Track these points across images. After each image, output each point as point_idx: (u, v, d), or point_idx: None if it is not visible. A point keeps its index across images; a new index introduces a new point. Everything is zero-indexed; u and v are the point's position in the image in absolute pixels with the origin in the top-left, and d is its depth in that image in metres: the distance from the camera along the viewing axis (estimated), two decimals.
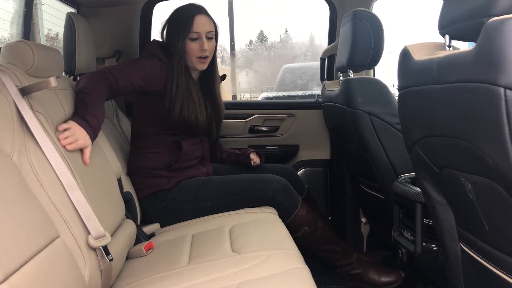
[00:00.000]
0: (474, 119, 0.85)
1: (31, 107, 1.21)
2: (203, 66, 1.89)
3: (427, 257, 1.46)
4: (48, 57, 1.41)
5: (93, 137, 1.44)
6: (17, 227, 0.93)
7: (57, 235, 1.07)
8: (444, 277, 1.35)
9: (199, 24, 1.84)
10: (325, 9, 2.50)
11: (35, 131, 1.17)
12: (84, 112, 1.47)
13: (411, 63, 1.11)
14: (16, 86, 1.19)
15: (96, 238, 1.20)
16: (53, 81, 1.20)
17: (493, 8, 0.84)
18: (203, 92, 1.96)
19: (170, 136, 1.89)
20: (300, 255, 1.35)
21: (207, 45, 1.84)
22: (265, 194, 1.83)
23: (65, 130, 1.34)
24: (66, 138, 1.31)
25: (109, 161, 1.61)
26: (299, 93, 6.22)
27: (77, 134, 1.37)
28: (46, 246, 1.00)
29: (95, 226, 1.21)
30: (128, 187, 1.78)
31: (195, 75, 1.95)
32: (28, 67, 1.31)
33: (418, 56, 1.10)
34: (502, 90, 0.75)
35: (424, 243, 1.47)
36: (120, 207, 1.57)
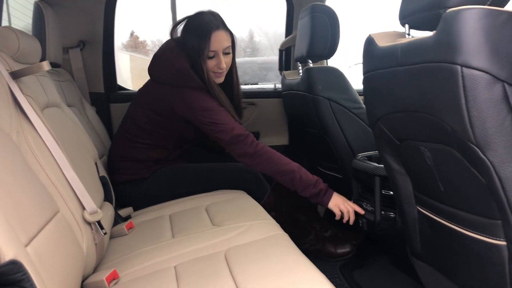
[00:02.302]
0: (435, 93, 1.02)
1: (21, 91, 1.26)
2: (219, 80, 1.90)
3: (386, 224, 1.64)
4: (30, 44, 1.45)
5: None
6: (29, 199, 0.99)
7: (57, 209, 1.14)
8: (402, 240, 1.53)
9: (216, 42, 1.80)
10: (266, 5, 2.65)
11: (28, 112, 1.22)
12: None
13: (376, 49, 1.27)
14: (6, 70, 1.24)
15: (91, 214, 1.27)
16: (45, 65, 1.25)
17: (448, 1, 1.01)
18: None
19: (173, 141, 1.96)
20: (277, 224, 1.48)
21: (224, 63, 1.84)
22: (237, 183, 1.94)
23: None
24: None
25: (87, 145, 1.67)
26: (246, 87, 6.35)
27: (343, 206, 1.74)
28: (52, 218, 1.07)
29: (89, 202, 1.28)
30: (103, 172, 1.83)
31: None
32: (13, 52, 1.35)
33: (382, 43, 1.26)
34: (459, 68, 0.92)
35: (382, 212, 1.65)
36: (100, 189, 1.63)
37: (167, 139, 1.94)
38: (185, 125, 1.87)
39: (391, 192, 1.60)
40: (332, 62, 2.65)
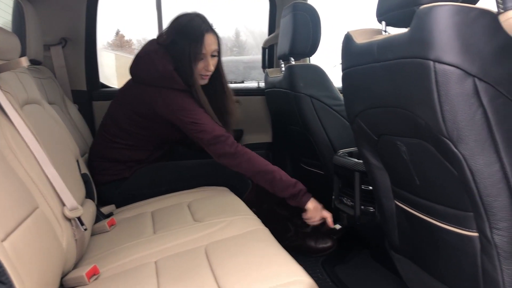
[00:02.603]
0: (409, 89, 1.04)
1: (0, 87, 1.25)
2: (204, 82, 1.90)
3: (365, 218, 1.67)
4: (8, 40, 1.43)
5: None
6: (8, 194, 0.99)
7: (37, 205, 1.13)
8: (381, 234, 1.56)
9: (207, 45, 1.81)
10: (252, 5, 2.67)
11: (7, 108, 1.21)
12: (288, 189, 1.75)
13: (354, 46, 1.29)
14: None
15: (71, 210, 1.27)
16: (24, 61, 1.24)
17: None
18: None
19: (155, 142, 1.96)
20: (258, 219, 1.50)
21: (212, 65, 1.85)
22: (219, 179, 1.95)
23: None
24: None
25: (68, 143, 1.66)
26: (230, 85, 6.39)
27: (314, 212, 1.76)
28: (30, 214, 1.06)
29: (69, 199, 1.28)
30: (84, 169, 1.83)
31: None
32: None
33: (359, 39, 1.28)
34: (431, 63, 0.94)
35: (362, 207, 1.67)
36: (81, 186, 1.63)
37: (148, 140, 1.94)
38: (167, 126, 1.87)
39: (371, 187, 1.63)
40: (317, 61, 2.67)
